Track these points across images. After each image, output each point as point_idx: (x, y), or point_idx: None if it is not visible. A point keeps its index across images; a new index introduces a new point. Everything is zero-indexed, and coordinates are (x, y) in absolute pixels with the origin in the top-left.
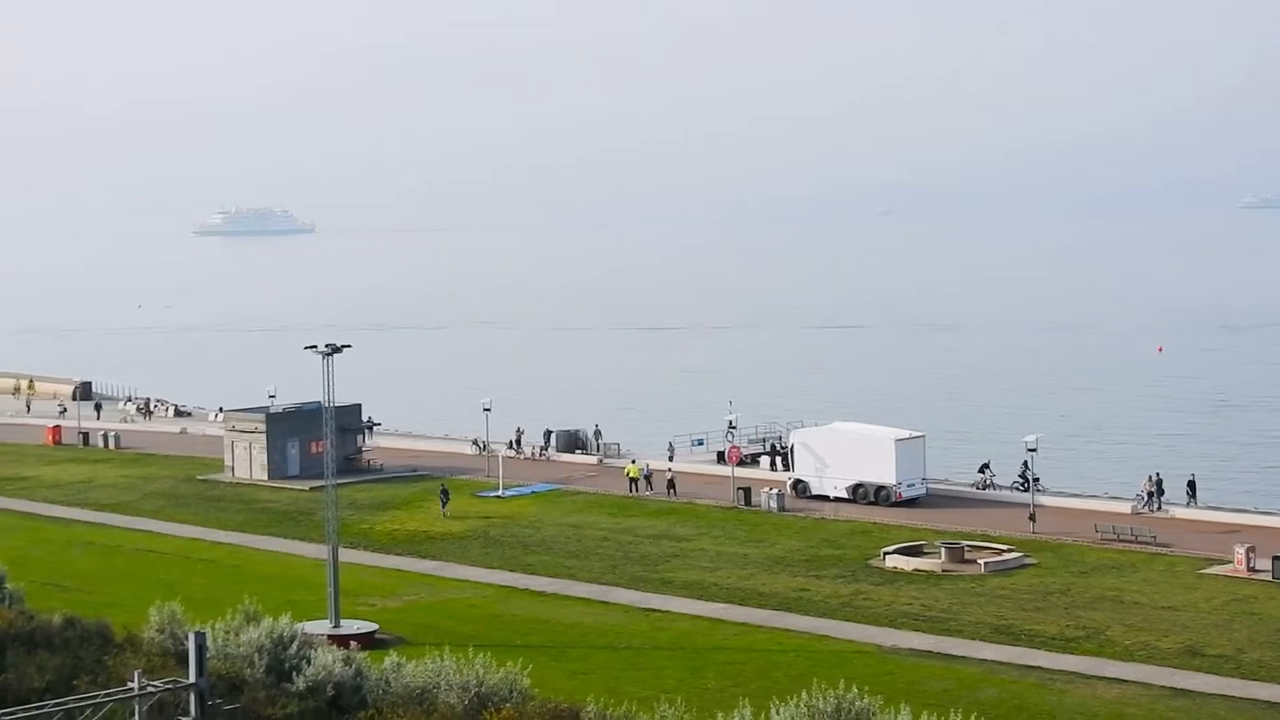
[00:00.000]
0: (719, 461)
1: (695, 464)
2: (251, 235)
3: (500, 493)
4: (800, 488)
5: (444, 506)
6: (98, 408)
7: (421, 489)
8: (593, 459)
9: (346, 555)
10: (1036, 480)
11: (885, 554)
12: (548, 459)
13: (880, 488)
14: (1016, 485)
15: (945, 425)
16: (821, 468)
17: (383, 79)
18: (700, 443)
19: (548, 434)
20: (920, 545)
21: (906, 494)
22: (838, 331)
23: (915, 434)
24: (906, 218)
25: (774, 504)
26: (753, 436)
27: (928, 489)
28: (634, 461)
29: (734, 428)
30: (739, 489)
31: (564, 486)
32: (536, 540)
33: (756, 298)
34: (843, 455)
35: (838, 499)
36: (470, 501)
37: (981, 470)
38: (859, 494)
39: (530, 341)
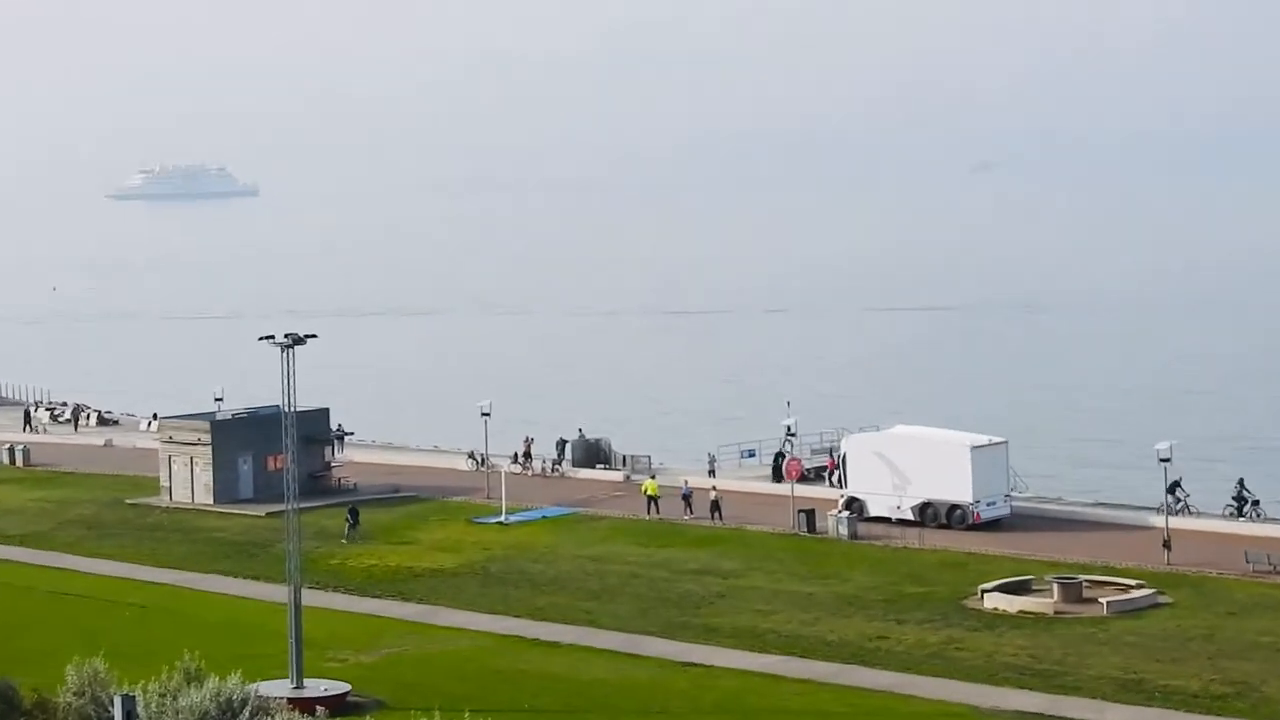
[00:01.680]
0: (775, 479)
1: (745, 480)
2: (181, 199)
3: (503, 518)
4: (855, 507)
5: (349, 531)
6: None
7: (405, 514)
8: (617, 475)
9: (312, 598)
10: (1182, 500)
11: (983, 591)
12: (561, 475)
13: (954, 507)
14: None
15: (1028, 427)
16: (880, 482)
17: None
18: (751, 454)
19: (561, 445)
20: (1027, 580)
21: (986, 514)
22: (924, 315)
23: (995, 440)
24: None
25: (843, 530)
26: (816, 445)
27: (1012, 507)
28: (653, 476)
29: (793, 435)
30: (800, 511)
31: (583, 510)
32: (548, 577)
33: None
34: (907, 467)
35: (901, 521)
36: (465, 529)
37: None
38: (927, 515)
39: (541, 330)
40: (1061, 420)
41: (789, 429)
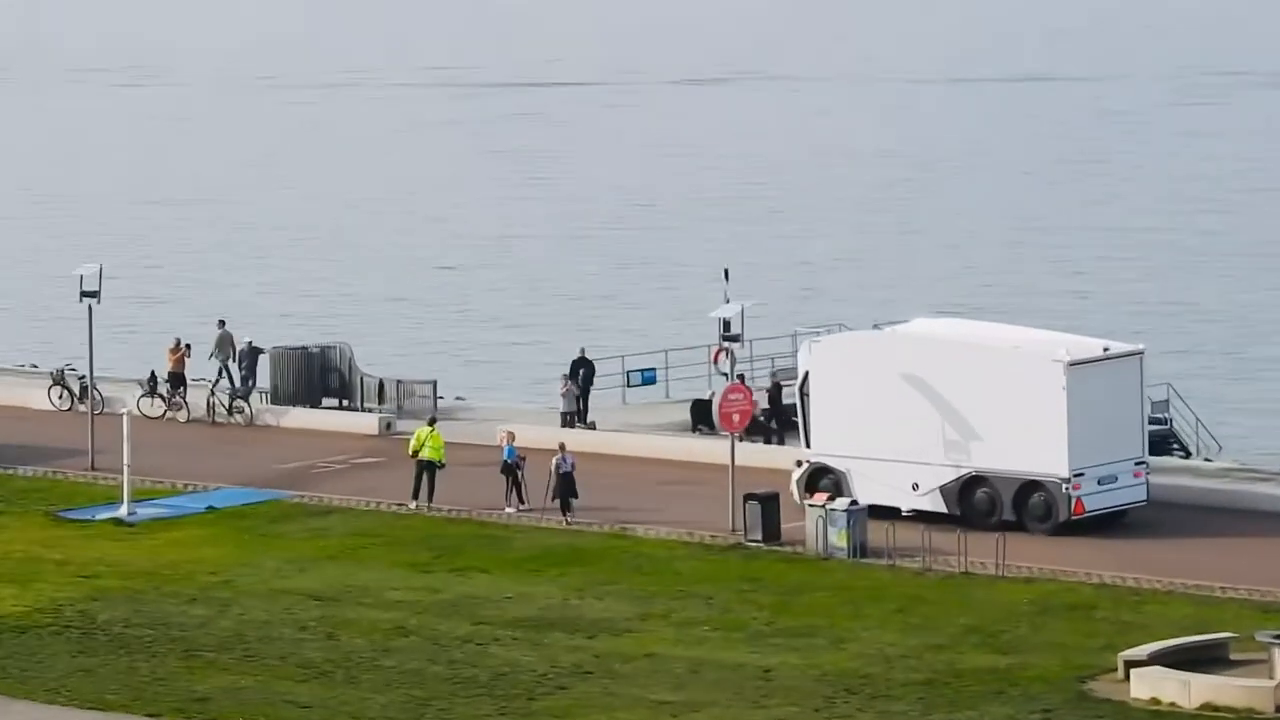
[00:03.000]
0: (697, 427)
1: (635, 434)
2: None
3: (123, 511)
4: (825, 485)
5: None
6: None
7: None
8: (367, 419)
9: None
10: None
11: (1127, 666)
12: (249, 420)
13: (1030, 487)
14: None
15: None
16: (876, 437)
17: None
18: (648, 378)
19: (245, 357)
20: (1214, 641)
21: (1097, 500)
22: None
23: (1116, 349)
24: None
25: (833, 534)
26: (783, 362)
27: (1149, 489)
28: (432, 423)
29: (733, 338)
30: (749, 499)
31: (293, 495)
32: (220, 638)
33: None
34: (932, 403)
35: (917, 515)
36: (45, 533)
37: None
38: (973, 502)
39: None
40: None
41: (726, 326)
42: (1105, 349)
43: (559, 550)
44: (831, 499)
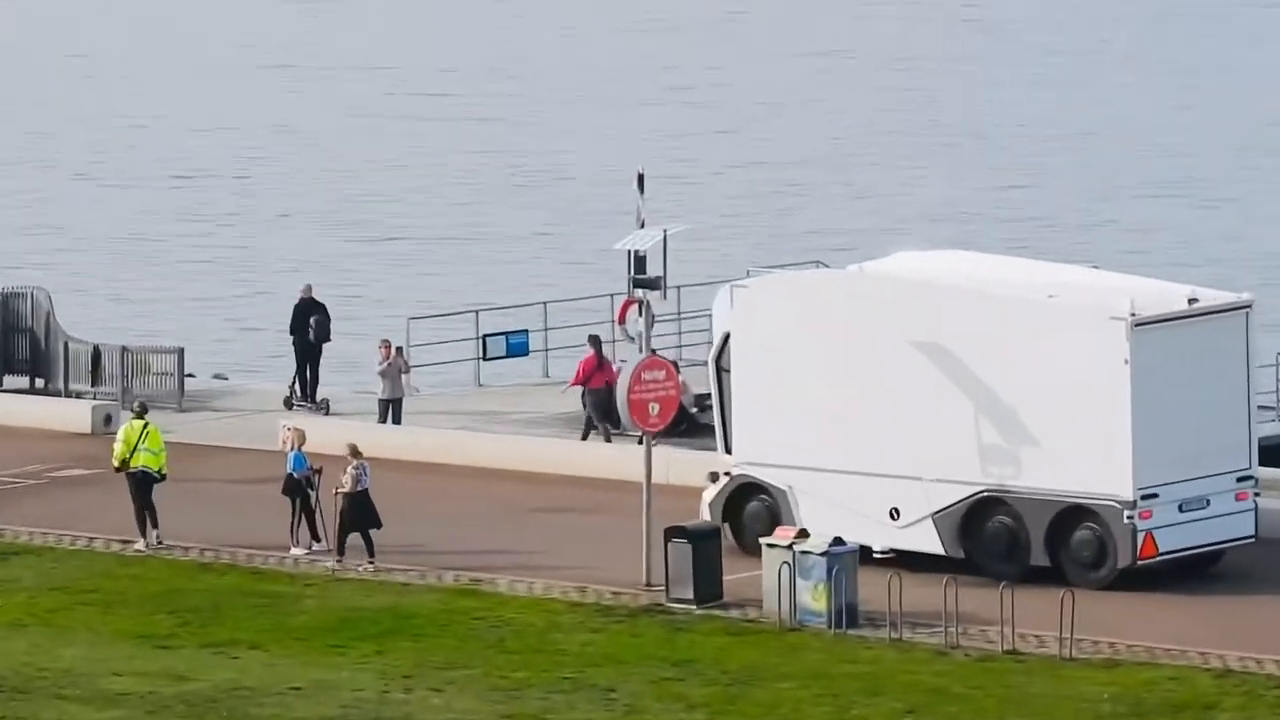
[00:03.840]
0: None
1: (499, 424)
2: None
3: None
4: (750, 511)
5: None
6: None
7: None
8: (77, 410)
9: None
10: None
11: None
12: None
13: (1078, 516)
14: None
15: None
16: (834, 439)
17: None
18: (516, 346)
19: None
20: None
21: (1174, 537)
22: None
23: (1217, 298)
24: None
25: (805, 591)
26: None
27: (1258, 517)
28: (141, 414)
29: (650, 286)
30: (670, 536)
31: None
32: None
33: None
34: (919, 387)
35: (891, 554)
36: None
37: None
38: (987, 538)
39: None
40: None
41: (639, 265)
42: (1192, 300)
43: (374, 615)
44: (801, 535)
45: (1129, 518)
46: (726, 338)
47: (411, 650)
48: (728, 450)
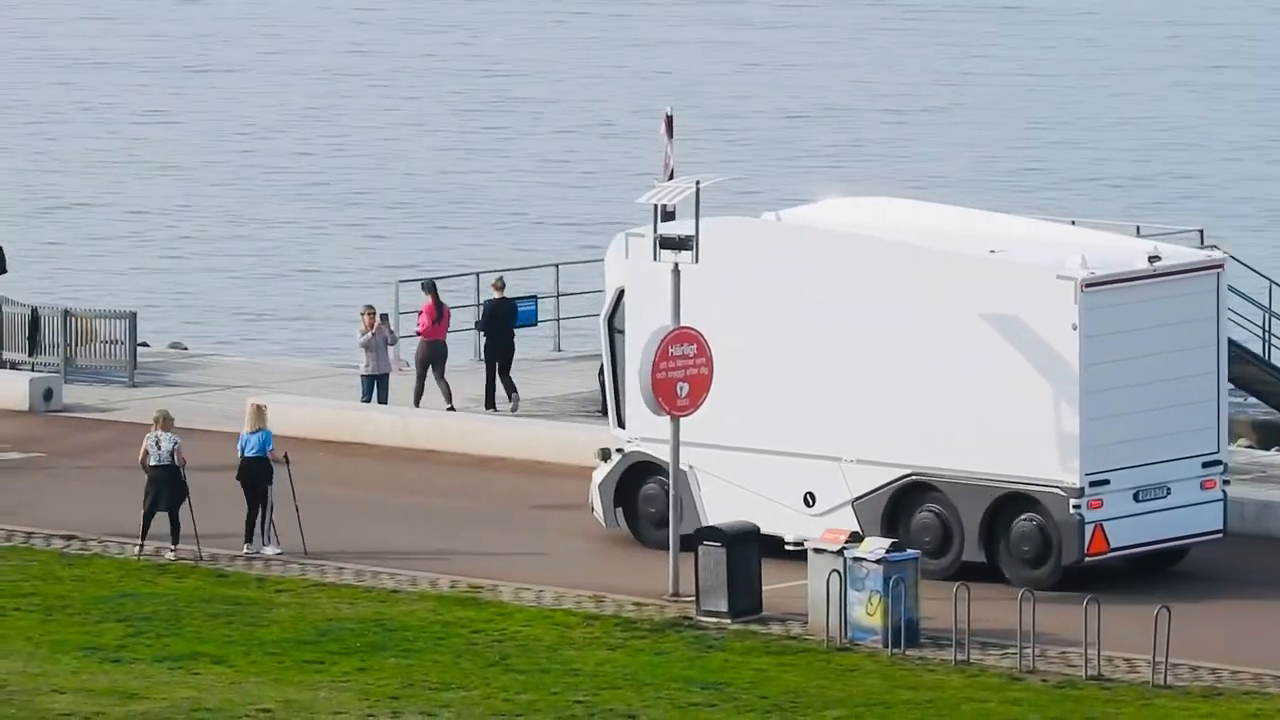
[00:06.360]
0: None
1: (498, 403)
2: None
3: None
4: (647, 493)
5: None
6: None
7: None
8: (13, 382)
9: None
10: None
11: None
12: None
13: (1018, 504)
14: None
15: None
16: (741, 413)
17: None
18: (526, 316)
19: None
20: None
21: (1128, 530)
22: None
23: (1183, 256)
24: None
25: (857, 604)
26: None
27: (1227, 509)
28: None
29: (690, 248)
30: (701, 539)
31: None
32: None
33: None
34: (839, 354)
35: (797, 547)
36: None
37: None
38: (915, 529)
39: None
40: None
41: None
42: (1153, 256)
43: (357, 626)
44: (855, 537)
45: (1075, 507)
46: (620, 294)
47: (399, 668)
48: (620, 424)
